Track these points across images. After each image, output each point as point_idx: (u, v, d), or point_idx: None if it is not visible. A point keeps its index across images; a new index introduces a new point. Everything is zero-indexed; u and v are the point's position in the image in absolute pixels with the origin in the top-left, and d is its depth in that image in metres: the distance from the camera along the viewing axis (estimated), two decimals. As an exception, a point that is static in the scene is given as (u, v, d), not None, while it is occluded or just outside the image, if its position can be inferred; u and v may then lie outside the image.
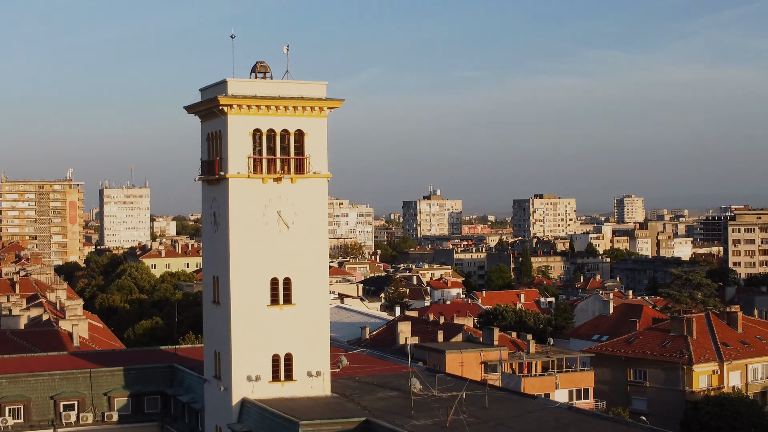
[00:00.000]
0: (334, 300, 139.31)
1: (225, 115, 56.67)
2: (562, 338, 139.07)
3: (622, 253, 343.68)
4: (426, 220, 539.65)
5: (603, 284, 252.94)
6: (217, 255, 58.91)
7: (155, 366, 68.46)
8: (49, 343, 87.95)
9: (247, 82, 57.43)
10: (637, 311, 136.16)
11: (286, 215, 57.55)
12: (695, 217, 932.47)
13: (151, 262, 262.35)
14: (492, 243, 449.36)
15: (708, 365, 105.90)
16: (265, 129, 57.63)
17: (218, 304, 58.59)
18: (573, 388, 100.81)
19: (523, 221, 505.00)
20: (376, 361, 73.19)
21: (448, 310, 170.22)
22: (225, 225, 57.24)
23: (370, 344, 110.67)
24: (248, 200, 56.93)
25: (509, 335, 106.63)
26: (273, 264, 57.44)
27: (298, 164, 58.12)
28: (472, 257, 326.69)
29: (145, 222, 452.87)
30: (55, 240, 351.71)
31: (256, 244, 57.08)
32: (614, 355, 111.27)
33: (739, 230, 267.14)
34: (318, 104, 58.41)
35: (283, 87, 58.07)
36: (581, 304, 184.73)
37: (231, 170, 56.71)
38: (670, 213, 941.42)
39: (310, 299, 58.10)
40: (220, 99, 56.07)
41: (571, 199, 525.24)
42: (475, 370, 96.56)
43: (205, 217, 61.42)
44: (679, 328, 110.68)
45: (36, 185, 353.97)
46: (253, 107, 56.84)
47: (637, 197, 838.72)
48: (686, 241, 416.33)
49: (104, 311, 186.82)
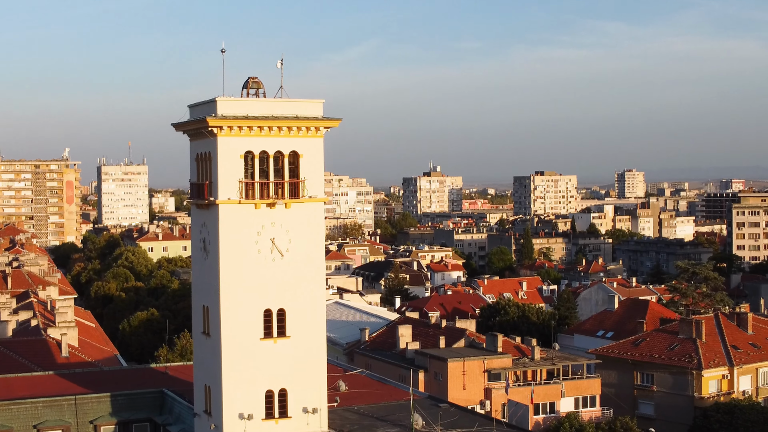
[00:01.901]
0: (333, 295, 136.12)
1: (215, 137, 52.99)
2: (566, 334, 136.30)
3: (625, 234, 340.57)
4: (426, 197, 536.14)
5: (605, 267, 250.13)
6: (206, 283, 55.40)
7: (144, 392, 65.10)
8: (36, 354, 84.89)
9: (238, 102, 53.67)
10: (643, 307, 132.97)
11: (280, 242, 54.01)
12: (696, 191, 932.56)
13: (148, 245, 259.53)
14: (493, 221, 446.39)
15: (718, 370, 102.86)
16: (258, 151, 53.92)
17: (208, 335, 55.15)
18: (579, 396, 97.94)
19: (524, 198, 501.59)
20: (376, 384, 69.83)
21: (449, 301, 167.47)
22: (215, 253, 53.69)
23: (369, 347, 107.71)
24: (239, 227, 53.35)
25: (513, 340, 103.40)
26: (266, 294, 53.91)
27: (292, 188, 54.47)
28: (473, 238, 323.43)
29: (143, 199, 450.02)
30: (52, 220, 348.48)
31: (248, 273, 53.55)
32: (621, 358, 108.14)
33: (743, 213, 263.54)
34: (314, 124, 54.73)
35: (276, 106, 54.31)
36: (584, 293, 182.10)
37: (221, 196, 53.09)
38: (671, 186, 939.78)
39: (305, 331, 54.61)
40: (209, 120, 52.35)
41: (572, 175, 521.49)
42: (478, 379, 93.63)
43: (194, 242, 57.78)
44: (687, 330, 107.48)
45: (32, 165, 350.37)
46: (244, 128, 53.07)
47: (638, 171, 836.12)
48: (688, 220, 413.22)
49: (99, 299, 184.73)
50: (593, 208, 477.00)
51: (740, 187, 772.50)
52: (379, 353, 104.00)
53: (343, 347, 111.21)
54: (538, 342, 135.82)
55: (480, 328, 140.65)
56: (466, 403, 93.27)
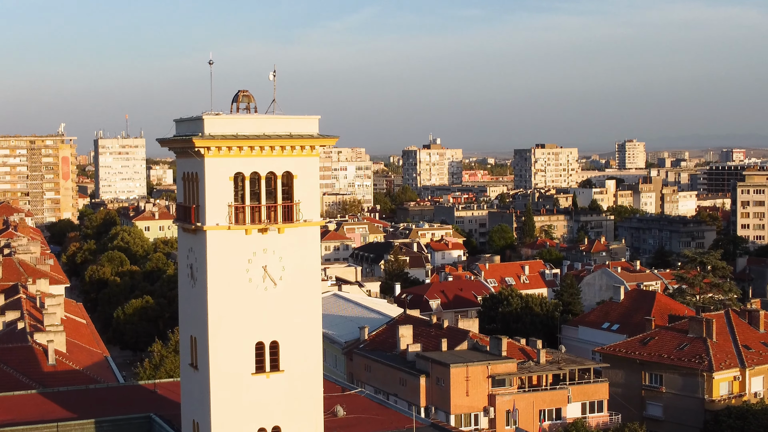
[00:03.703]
0: (331, 287, 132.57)
1: (202, 158, 49.04)
2: (571, 325, 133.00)
3: (627, 211, 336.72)
4: (426, 169, 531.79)
5: (608, 247, 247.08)
6: (194, 313, 51.53)
7: (130, 418, 61.39)
8: (22, 362, 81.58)
9: (226, 119, 49.66)
10: (649, 299, 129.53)
11: (272, 270, 50.17)
12: (696, 159, 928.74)
13: (144, 224, 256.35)
14: (493, 194, 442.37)
15: (729, 372, 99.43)
16: (249, 172, 49.90)
17: (196, 368, 51.38)
18: (586, 401, 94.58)
19: (524, 171, 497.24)
20: (376, 408, 66.21)
21: (450, 288, 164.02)
22: (203, 281, 49.83)
23: (368, 346, 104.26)
24: (229, 254, 49.44)
25: (518, 342, 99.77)
26: (258, 326, 50.11)
27: (286, 212, 50.49)
28: (474, 215, 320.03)
29: (141, 172, 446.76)
30: (48, 196, 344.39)
31: (239, 303, 49.71)
32: (628, 358, 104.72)
33: (748, 191, 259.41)
34: (309, 142, 50.75)
35: (268, 123, 50.26)
36: (588, 278, 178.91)
37: (209, 221, 49.17)
38: (671, 156, 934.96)
39: (300, 365, 50.81)
40: (195, 141, 48.32)
41: (573, 148, 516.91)
42: (482, 385, 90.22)
43: (181, 267, 53.79)
44: (698, 329, 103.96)
45: (27, 140, 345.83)
46: (234, 148, 49.03)
47: (639, 142, 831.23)
48: (690, 195, 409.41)
49: (94, 284, 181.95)
50: (595, 182, 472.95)
51: (741, 157, 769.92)
52: (379, 354, 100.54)
53: (341, 346, 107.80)
54: (543, 336, 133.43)
55: (483, 318, 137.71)
56: (469, 410, 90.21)
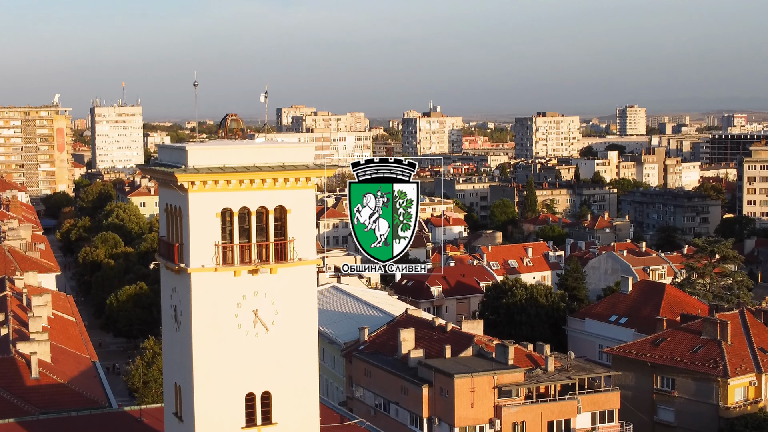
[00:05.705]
0: (330, 278, 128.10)
1: (185, 192, 44.40)
2: (577, 317, 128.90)
3: (629, 183, 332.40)
4: (426, 137, 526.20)
5: (612, 223, 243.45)
6: (178, 359, 47.05)
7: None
8: (3, 376, 77.27)
9: (213, 149, 44.93)
10: (659, 291, 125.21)
11: (264, 315, 45.63)
12: (697, 123, 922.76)
13: (140, 200, 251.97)
14: (494, 164, 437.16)
15: (745, 377, 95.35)
16: (237, 207, 45.21)
17: (181, 420, 47.02)
18: (596, 411, 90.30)
19: (525, 140, 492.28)
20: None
21: (451, 275, 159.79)
22: (187, 326, 45.33)
23: (368, 348, 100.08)
24: (216, 298, 44.84)
25: (525, 348, 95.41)
26: (248, 375, 45.62)
27: (279, 250, 45.85)
28: (474, 188, 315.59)
29: (138, 141, 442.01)
30: (43, 168, 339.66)
31: (227, 351, 45.20)
32: (639, 360, 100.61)
33: (754, 167, 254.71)
34: (304, 174, 46.09)
35: (259, 153, 45.54)
36: (593, 261, 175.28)
37: (193, 263, 44.57)
38: (672, 121, 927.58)
39: (295, 418, 46.35)
40: (177, 176, 43.59)
41: (575, 116, 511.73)
42: (487, 396, 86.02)
43: (164, 307, 49.17)
44: (712, 330, 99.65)
45: (22, 111, 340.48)
46: (221, 182, 44.42)
47: (639, 107, 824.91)
48: (694, 166, 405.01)
49: (88, 266, 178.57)
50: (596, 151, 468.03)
51: (742, 122, 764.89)
52: (379, 358, 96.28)
53: (341, 347, 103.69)
54: (548, 328, 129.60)
55: (486, 309, 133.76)
56: (474, 423, 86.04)
